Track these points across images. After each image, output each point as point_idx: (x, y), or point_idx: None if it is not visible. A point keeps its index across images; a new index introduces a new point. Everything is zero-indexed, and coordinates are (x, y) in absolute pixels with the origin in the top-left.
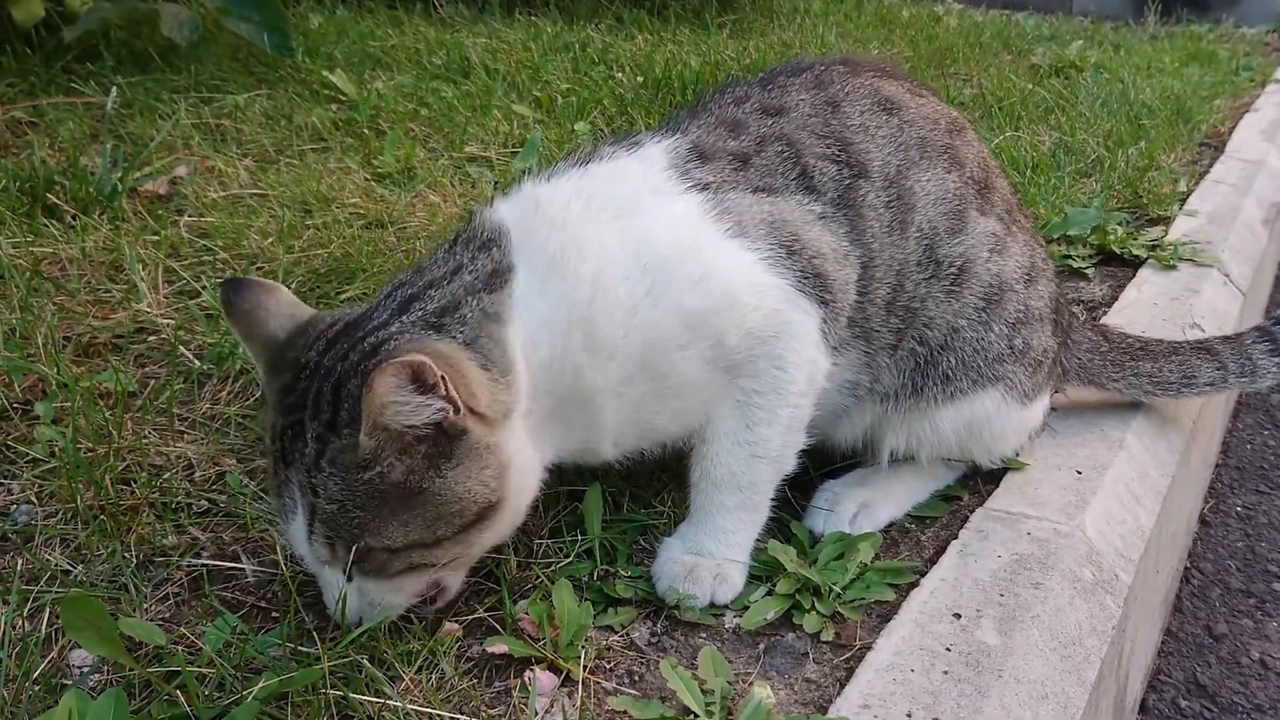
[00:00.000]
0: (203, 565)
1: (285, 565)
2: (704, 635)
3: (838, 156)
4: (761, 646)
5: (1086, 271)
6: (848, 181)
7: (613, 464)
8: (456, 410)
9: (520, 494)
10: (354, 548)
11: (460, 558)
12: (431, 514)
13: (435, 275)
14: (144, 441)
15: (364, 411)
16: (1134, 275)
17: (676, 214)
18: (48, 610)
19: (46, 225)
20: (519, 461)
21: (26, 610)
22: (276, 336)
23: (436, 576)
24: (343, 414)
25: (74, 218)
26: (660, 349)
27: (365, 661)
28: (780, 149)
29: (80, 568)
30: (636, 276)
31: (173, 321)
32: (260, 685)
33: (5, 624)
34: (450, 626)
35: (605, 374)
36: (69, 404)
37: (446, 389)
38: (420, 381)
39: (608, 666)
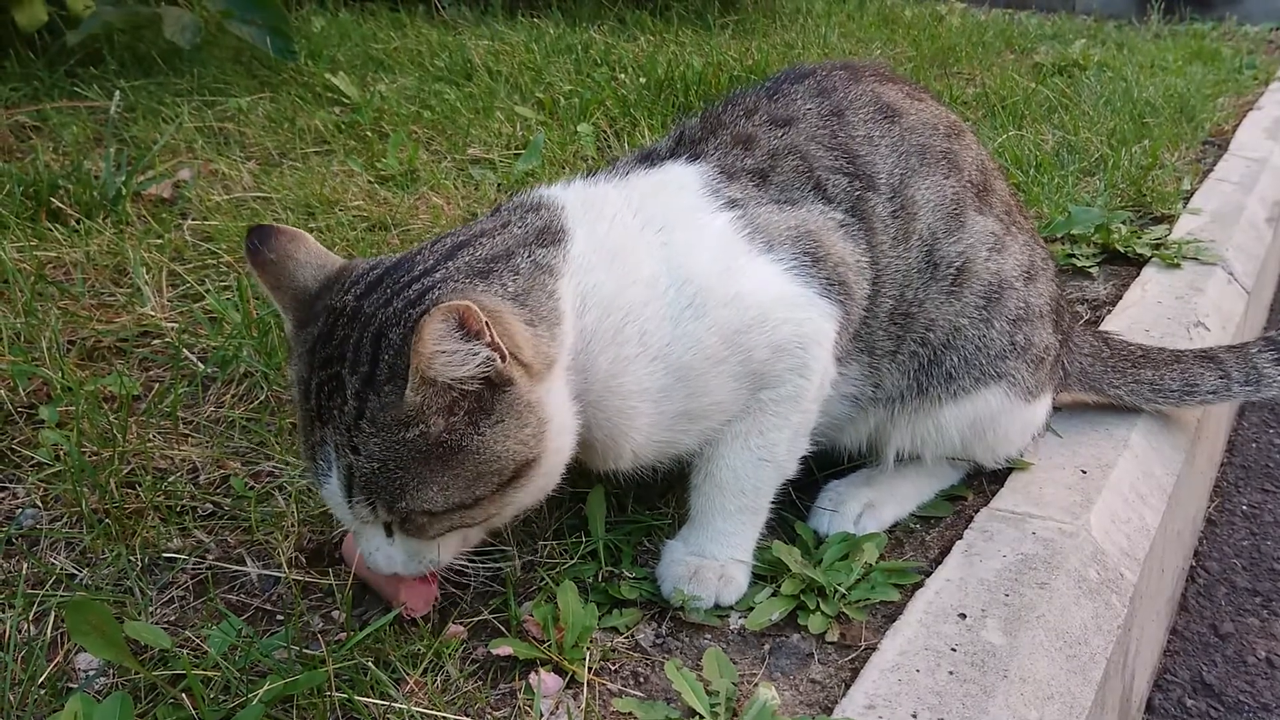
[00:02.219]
0: (207, 568)
1: (289, 568)
2: (709, 636)
3: (847, 169)
4: (766, 647)
5: (1090, 270)
6: (857, 194)
7: (615, 476)
8: (503, 358)
9: (558, 453)
10: (396, 510)
11: (495, 517)
12: (471, 473)
13: (485, 227)
14: (148, 445)
15: (411, 363)
16: (1138, 274)
17: (713, 233)
18: (53, 614)
19: (50, 229)
20: (559, 418)
21: (32, 614)
22: (307, 288)
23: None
24: (382, 368)
25: (78, 221)
26: (697, 366)
27: (370, 664)
28: (795, 163)
29: (85, 571)
30: (679, 288)
31: (177, 325)
32: (265, 688)
33: (11, 628)
34: (455, 629)
35: (651, 378)
36: (73, 408)
37: (491, 335)
38: (465, 328)
39: (613, 668)
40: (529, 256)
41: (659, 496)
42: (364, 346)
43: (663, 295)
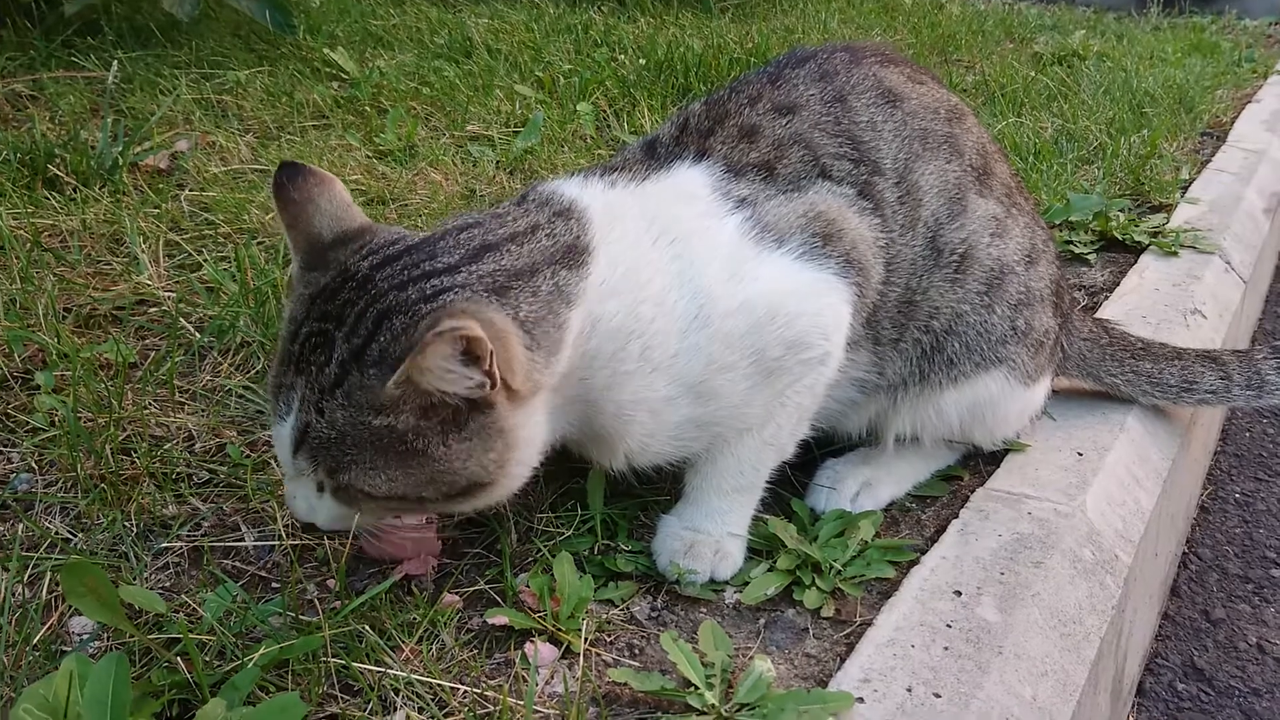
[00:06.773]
0: (203, 535)
1: (285, 536)
2: (704, 610)
3: (851, 155)
4: (762, 622)
5: (1088, 257)
6: (864, 179)
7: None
8: (493, 385)
9: (513, 479)
10: (336, 479)
11: (429, 514)
12: (423, 477)
13: (516, 229)
14: (144, 412)
15: (404, 367)
16: (1136, 261)
17: (723, 240)
18: (48, 577)
19: (47, 197)
20: (526, 447)
21: (26, 576)
22: (321, 235)
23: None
24: (374, 348)
25: (75, 190)
26: (702, 374)
27: (367, 630)
28: (800, 152)
29: (80, 536)
30: (689, 300)
31: (174, 294)
32: (261, 653)
33: (5, 590)
34: (450, 598)
35: (650, 389)
36: (69, 374)
37: (491, 364)
38: (470, 353)
39: (608, 639)
40: (551, 278)
41: (656, 472)
42: (365, 319)
43: (671, 309)
